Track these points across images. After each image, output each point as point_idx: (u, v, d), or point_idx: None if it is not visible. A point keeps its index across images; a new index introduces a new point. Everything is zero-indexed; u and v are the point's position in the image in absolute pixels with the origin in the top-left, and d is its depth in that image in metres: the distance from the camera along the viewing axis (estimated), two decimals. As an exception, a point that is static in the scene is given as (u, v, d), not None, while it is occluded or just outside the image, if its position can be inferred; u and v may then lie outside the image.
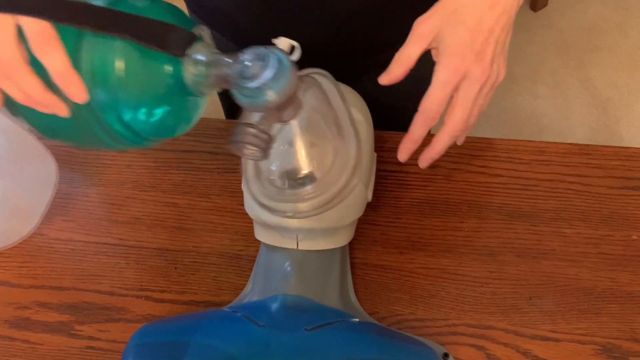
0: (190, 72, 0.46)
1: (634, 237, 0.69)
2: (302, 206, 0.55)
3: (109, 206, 0.75)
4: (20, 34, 0.43)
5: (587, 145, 0.75)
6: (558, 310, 0.66)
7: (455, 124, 0.56)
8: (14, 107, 0.48)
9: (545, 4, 1.98)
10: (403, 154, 0.59)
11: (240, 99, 0.44)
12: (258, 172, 0.57)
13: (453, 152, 0.75)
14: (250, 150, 0.45)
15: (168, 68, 0.46)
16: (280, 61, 0.44)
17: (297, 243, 0.61)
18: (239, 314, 0.59)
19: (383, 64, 0.82)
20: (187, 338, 0.55)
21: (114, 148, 0.50)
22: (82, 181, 0.77)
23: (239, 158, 0.68)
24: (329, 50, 0.73)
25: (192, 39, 0.45)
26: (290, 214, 0.56)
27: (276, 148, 0.51)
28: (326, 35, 0.72)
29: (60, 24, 0.42)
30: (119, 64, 0.44)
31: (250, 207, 0.64)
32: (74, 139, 0.51)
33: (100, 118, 0.45)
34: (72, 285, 0.71)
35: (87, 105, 0.44)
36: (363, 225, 0.71)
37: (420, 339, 0.63)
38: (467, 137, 0.76)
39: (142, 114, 0.46)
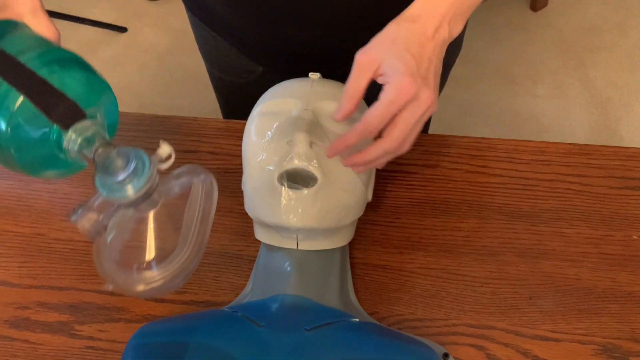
0: (67, 141, 0.49)
1: (634, 237, 0.69)
2: (140, 287, 0.54)
3: (109, 206, 0.75)
4: None
5: (587, 145, 0.75)
6: (558, 310, 0.66)
7: (393, 140, 0.56)
8: None
9: (545, 4, 1.98)
10: (330, 152, 0.59)
11: (97, 186, 0.47)
12: (102, 253, 0.57)
13: (453, 152, 0.75)
14: (84, 230, 0.48)
15: (53, 127, 0.49)
16: (138, 165, 0.47)
17: (297, 243, 0.61)
18: (239, 314, 0.59)
19: None
20: (187, 338, 0.55)
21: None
22: (82, 181, 0.77)
23: (239, 158, 0.69)
24: (321, 52, 0.74)
25: (79, 116, 0.47)
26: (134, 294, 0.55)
27: (120, 234, 0.53)
28: (318, 37, 0.72)
29: None
30: (17, 100, 0.47)
31: (251, 207, 0.64)
32: None
33: None
34: (72, 285, 0.71)
35: None
36: (363, 225, 0.71)
37: (420, 339, 0.63)
38: (467, 137, 0.77)
39: (17, 151, 0.49)
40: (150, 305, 0.69)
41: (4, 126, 0.48)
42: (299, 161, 0.58)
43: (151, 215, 0.52)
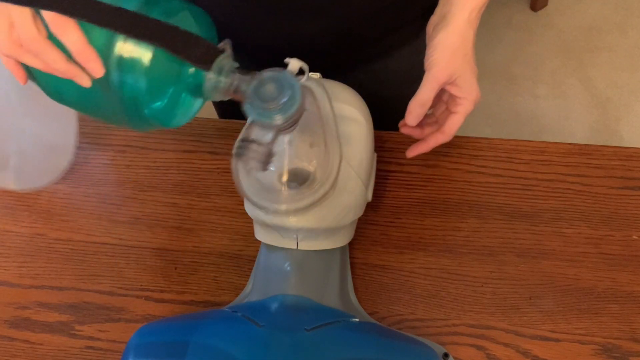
0: (210, 81, 0.49)
1: (634, 237, 0.69)
2: (284, 207, 0.57)
3: (109, 206, 0.75)
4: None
5: (587, 145, 0.75)
6: (558, 310, 0.66)
7: (451, 136, 0.66)
8: (34, 78, 0.53)
9: (545, 4, 1.98)
10: (412, 153, 0.69)
11: (250, 113, 0.48)
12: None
13: (453, 152, 0.75)
14: (252, 163, 0.50)
15: (191, 71, 0.50)
16: (294, 89, 0.48)
17: (297, 243, 0.61)
18: (239, 314, 0.59)
19: (377, 55, 0.81)
20: (187, 338, 0.55)
21: (118, 124, 0.54)
22: (82, 181, 0.77)
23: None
24: (322, 44, 0.73)
25: (217, 52, 0.48)
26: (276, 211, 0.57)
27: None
28: (318, 29, 0.72)
29: (94, 24, 0.45)
30: (147, 57, 0.47)
31: (251, 207, 0.64)
32: (84, 109, 0.54)
33: (117, 96, 0.49)
34: (72, 285, 0.71)
35: (106, 83, 0.48)
36: (363, 225, 0.71)
37: (420, 339, 0.63)
38: (467, 137, 0.77)
39: (154, 102, 0.50)
40: (150, 305, 0.69)
41: (142, 84, 0.47)
42: (299, 161, 0.58)
43: (297, 130, 0.53)
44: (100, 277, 0.71)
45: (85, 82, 0.49)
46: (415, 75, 0.63)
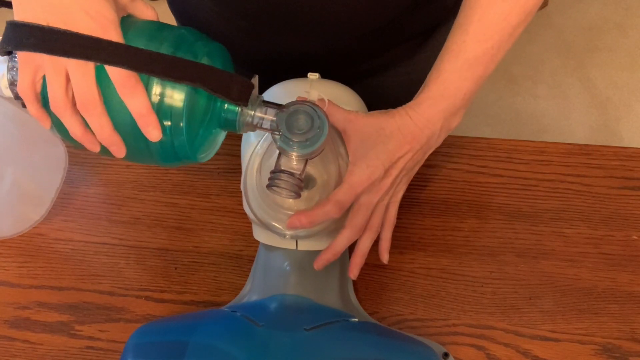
0: (244, 116, 0.50)
1: (634, 237, 0.69)
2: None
3: (109, 206, 0.75)
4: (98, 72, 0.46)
5: (587, 145, 0.75)
6: (558, 310, 0.66)
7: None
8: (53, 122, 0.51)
9: (545, 4, 1.98)
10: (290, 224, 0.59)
11: (277, 141, 0.51)
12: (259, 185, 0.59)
13: (453, 152, 0.75)
14: (285, 193, 0.52)
15: (225, 107, 0.50)
16: (322, 121, 0.50)
17: (297, 243, 0.61)
18: (238, 314, 0.59)
19: (372, 73, 0.82)
20: (187, 338, 0.55)
21: (138, 162, 0.54)
22: (82, 181, 0.77)
23: (239, 158, 0.69)
24: (317, 60, 0.73)
25: (251, 88, 0.48)
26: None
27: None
28: (314, 46, 0.72)
29: (135, 71, 0.45)
30: (183, 98, 0.47)
31: (249, 209, 0.64)
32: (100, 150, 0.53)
33: (152, 141, 0.49)
34: (72, 285, 0.71)
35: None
36: (363, 225, 0.71)
37: (420, 338, 0.63)
38: (467, 137, 0.77)
39: (188, 142, 0.50)
40: (150, 305, 0.69)
41: (179, 126, 0.48)
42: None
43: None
44: (100, 277, 0.71)
45: (119, 154, 0.49)
46: (411, 92, 0.62)
